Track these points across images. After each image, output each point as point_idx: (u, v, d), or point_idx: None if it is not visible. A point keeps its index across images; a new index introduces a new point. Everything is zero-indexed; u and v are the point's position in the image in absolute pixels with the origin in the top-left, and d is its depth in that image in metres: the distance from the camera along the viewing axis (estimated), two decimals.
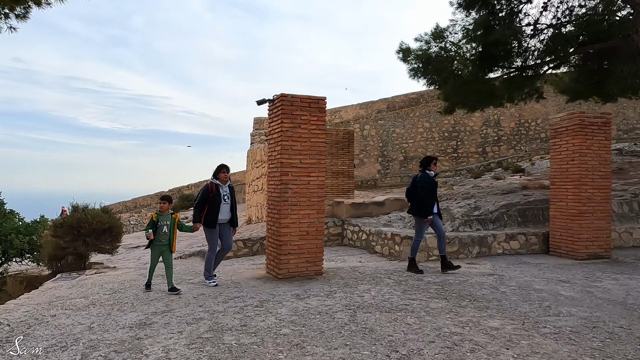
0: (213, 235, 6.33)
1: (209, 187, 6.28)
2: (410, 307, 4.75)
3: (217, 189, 6.27)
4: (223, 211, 6.27)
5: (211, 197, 6.20)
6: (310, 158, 6.57)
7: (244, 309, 4.96)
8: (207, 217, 6.20)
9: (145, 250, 6.74)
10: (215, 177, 6.37)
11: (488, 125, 23.27)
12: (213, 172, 6.45)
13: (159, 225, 5.91)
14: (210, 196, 6.20)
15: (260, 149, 15.34)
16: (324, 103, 6.70)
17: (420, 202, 6.69)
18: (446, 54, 10.87)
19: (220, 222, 6.30)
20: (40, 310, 5.28)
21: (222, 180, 6.33)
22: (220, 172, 6.35)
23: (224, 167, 6.36)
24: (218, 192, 6.26)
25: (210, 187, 6.26)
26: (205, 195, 6.22)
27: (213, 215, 6.20)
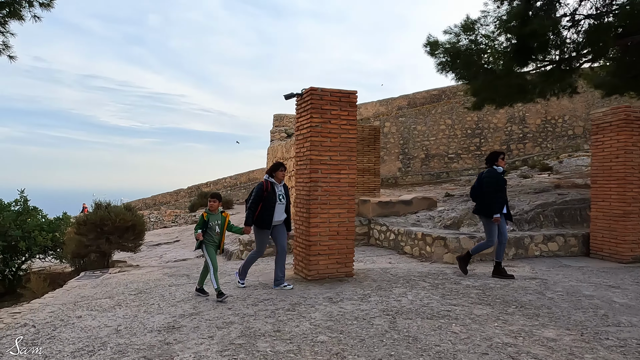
0: (264, 237, 5.90)
1: (263, 186, 5.81)
2: (453, 314, 4.44)
3: (273, 188, 5.81)
4: (278, 212, 5.84)
5: (266, 196, 5.77)
6: (340, 154, 6.30)
7: (275, 312, 4.72)
8: (259, 217, 5.76)
9: (167, 247, 6.50)
10: (270, 175, 5.90)
11: (513, 122, 22.68)
12: (268, 170, 5.99)
13: (211, 225, 5.48)
14: (265, 195, 5.77)
15: (281, 146, 15.13)
16: (355, 97, 6.42)
17: (486, 200, 6.17)
18: (476, 47, 10.47)
19: (275, 224, 5.88)
20: (66, 311, 5.13)
21: (278, 179, 5.88)
22: (277, 170, 5.88)
23: (282, 166, 5.91)
24: (273, 191, 5.81)
25: (265, 186, 5.80)
26: (260, 194, 5.77)
27: (267, 215, 5.76)
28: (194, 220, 22.65)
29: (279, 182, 5.88)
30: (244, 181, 33.37)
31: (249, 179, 33.38)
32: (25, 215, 11.72)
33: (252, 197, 5.83)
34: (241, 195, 32.26)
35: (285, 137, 19.83)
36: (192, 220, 22.78)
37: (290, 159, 13.74)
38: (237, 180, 33.53)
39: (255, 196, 5.80)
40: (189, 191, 33.60)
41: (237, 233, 5.86)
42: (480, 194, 6.32)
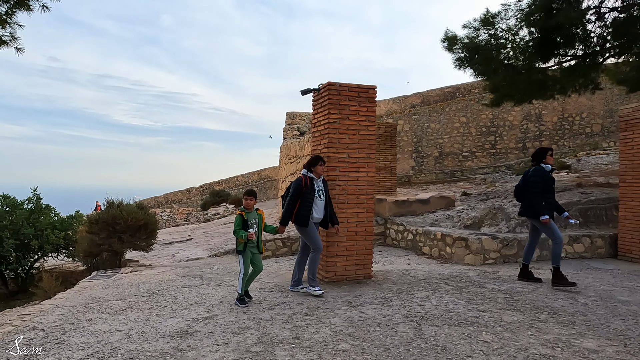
0: (312, 232, 5.43)
1: (302, 181, 5.39)
2: (481, 320, 4.19)
3: (312, 183, 5.42)
4: (317, 209, 5.44)
5: (304, 193, 5.36)
6: (359, 152, 6.06)
7: (293, 317, 4.50)
8: (297, 214, 5.37)
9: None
10: (309, 170, 5.49)
11: (529, 119, 22.23)
12: (306, 164, 5.57)
13: (249, 224, 5.09)
14: (304, 191, 5.36)
15: (294, 144, 14.92)
16: (374, 92, 6.18)
17: (533, 200, 5.67)
18: (496, 42, 10.15)
19: (314, 222, 5.49)
20: (76, 313, 4.96)
21: (317, 174, 5.47)
22: (317, 164, 5.46)
23: (321, 159, 5.48)
24: (312, 186, 5.41)
25: (304, 181, 5.38)
26: (299, 190, 5.36)
27: (305, 212, 5.36)
28: (206, 218, 22.54)
29: (318, 177, 5.48)
30: (255, 179, 33.26)
31: (260, 177, 33.27)
32: (38, 213, 11.66)
33: (290, 194, 5.42)
34: None
35: (298, 134, 19.64)
36: (204, 219, 22.68)
37: (303, 156, 13.53)
38: (249, 178, 33.45)
39: (293, 192, 5.39)
40: (201, 189, 33.60)
41: (271, 233, 5.43)
42: (526, 194, 5.84)
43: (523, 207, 5.91)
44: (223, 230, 16.15)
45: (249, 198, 5.18)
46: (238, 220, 5.05)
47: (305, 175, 5.45)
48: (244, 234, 4.93)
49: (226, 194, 27.84)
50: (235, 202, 25.69)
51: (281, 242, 8.53)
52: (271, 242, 8.49)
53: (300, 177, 5.44)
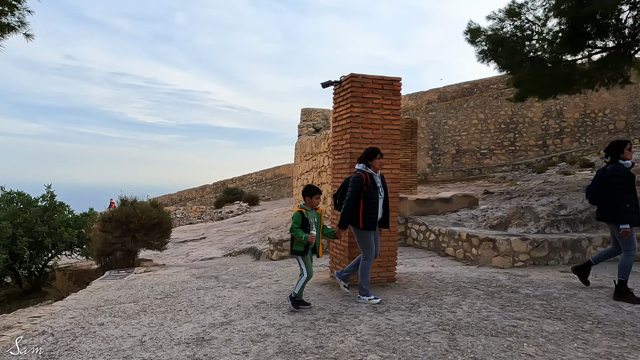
0: (369, 238, 4.89)
1: (363, 178, 4.76)
2: (520, 330, 3.85)
3: (373, 180, 4.82)
4: (379, 208, 4.90)
5: (366, 191, 4.78)
6: (383, 148, 5.73)
7: (315, 323, 4.22)
8: (362, 217, 4.77)
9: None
10: (367, 165, 4.87)
11: (549, 116, 21.65)
12: (362, 157, 4.92)
13: (309, 223, 4.64)
14: (365, 189, 4.77)
15: (310, 140, 14.64)
16: (399, 85, 5.85)
17: (615, 203, 4.82)
18: (522, 34, 9.73)
19: None
20: (87, 317, 4.74)
21: (375, 168, 4.89)
22: (375, 157, 4.85)
23: (379, 152, 4.89)
24: (374, 183, 4.81)
25: (364, 178, 4.77)
26: (359, 189, 4.76)
27: (371, 214, 4.78)
28: (220, 216, 22.39)
29: (375, 172, 4.92)
30: (269, 177, 33.08)
31: (274, 175, 33.07)
32: (52, 211, 11.55)
33: (350, 193, 4.78)
34: (267, 192, 31.99)
35: (313, 131, 19.34)
36: (217, 217, 22.53)
37: (320, 153, 13.24)
38: (263, 176, 33.28)
39: (353, 192, 4.76)
40: (215, 187, 33.53)
41: (328, 237, 4.91)
42: (603, 196, 4.99)
43: (600, 211, 5.08)
44: (237, 229, 15.96)
45: (317, 197, 4.72)
46: (297, 218, 4.58)
47: (364, 172, 4.83)
48: (305, 236, 4.49)
49: (240, 191, 27.69)
50: (249, 200, 25.52)
51: None
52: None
53: (359, 174, 4.82)
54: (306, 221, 4.62)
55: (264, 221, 16.81)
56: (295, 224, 4.58)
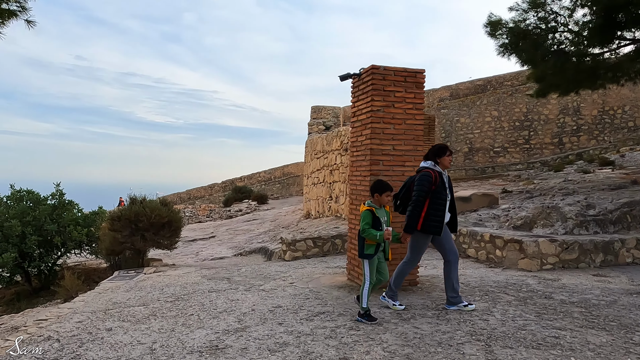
0: (423, 244, 4.51)
1: (432, 176, 4.33)
2: (564, 342, 3.53)
3: (442, 179, 4.39)
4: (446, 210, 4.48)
5: (434, 191, 4.34)
6: (405, 144, 5.43)
7: (337, 331, 3.92)
8: (427, 220, 4.33)
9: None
10: (435, 162, 4.47)
11: (566, 113, 21.15)
12: (429, 154, 4.52)
13: (381, 222, 4.16)
14: (433, 189, 4.33)
15: (321, 138, 14.35)
16: (423, 77, 5.53)
17: None
18: (546, 26, 9.35)
19: None
20: (95, 321, 4.49)
21: (444, 166, 4.49)
22: (444, 153, 4.48)
23: (448, 148, 4.52)
24: (442, 182, 4.38)
25: (433, 176, 4.34)
26: (428, 188, 4.31)
27: (438, 216, 4.33)
28: (229, 215, 22.18)
29: (443, 170, 4.52)
30: (278, 175, 32.84)
31: (283, 174, 32.83)
32: (61, 209, 11.37)
33: (417, 193, 4.32)
34: (275, 190, 31.76)
35: (324, 129, 19.04)
36: (226, 215, 22.32)
37: (331, 151, 12.95)
38: (271, 174, 33.06)
39: (421, 191, 4.30)
40: (223, 185, 33.36)
41: (393, 241, 4.34)
42: None
43: None
44: (247, 228, 15.72)
45: (387, 194, 4.23)
46: (367, 217, 4.11)
47: (433, 170, 4.39)
48: (380, 234, 4.02)
49: (248, 190, 27.47)
50: (258, 198, 25.29)
51: (312, 242, 7.96)
52: (301, 242, 7.93)
53: (427, 172, 4.37)
54: (377, 220, 4.12)
55: (274, 220, 16.55)
56: (366, 224, 4.08)
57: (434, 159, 4.48)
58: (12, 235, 10.20)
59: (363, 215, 4.15)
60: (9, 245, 10.14)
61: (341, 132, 12.20)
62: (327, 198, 12.99)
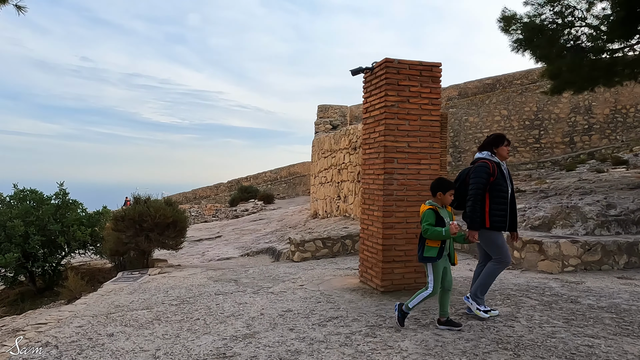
0: (500, 238, 4.07)
1: (489, 167, 3.96)
2: (599, 352, 3.26)
3: (501, 170, 4.02)
4: None
5: (493, 182, 3.96)
6: (420, 141, 5.18)
7: (351, 338, 3.68)
8: (490, 214, 3.97)
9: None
10: (492, 152, 4.11)
11: (577, 112, 20.79)
12: (485, 145, 4.17)
13: (446, 223, 3.77)
14: (492, 180, 3.96)
15: (328, 137, 14.11)
16: (439, 71, 5.28)
17: None
18: (563, 20, 9.06)
19: None
20: (96, 326, 4.27)
21: (502, 157, 4.12)
22: (502, 143, 4.12)
23: (506, 138, 4.17)
24: (502, 174, 4.01)
25: (491, 167, 3.97)
26: (486, 180, 3.93)
27: (500, 210, 3.98)
28: (235, 214, 21.97)
29: (501, 161, 4.16)
30: (284, 175, 32.63)
31: (289, 173, 32.62)
32: (65, 209, 11.20)
33: (474, 186, 3.95)
34: (281, 190, 31.55)
35: (331, 128, 18.80)
36: (232, 215, 22.12)
37: (339, 150, 12.70)
38: (278, 174, 32.86)
39: (479, 183, 3.92)
40: (229, 185, 33.20)
41: (459, 242, 3.94)
42: None
43: None
44: (253, 227, 15.51)
45: (453, 193, 3.85)
46: (430, 216, 3.73)
47: (490, 161, 4.02)
48: (445, 229, 3.62)
49: (254, 189, 27.26)
50: (264, 198, 25.08)
51: (321, 243, 7.72)
52: (310, 242, 7.69)
53: (485, 163, 4.01)
54: (441, 220, 3.74)
55: (280, 220, 16.32)
56: (429, 224, 3.71)
57: (490, 149, 4.13)
58: (15, 235, 10.04)
59: (426, 215, 3.76)
60: (12, 245, 9.98)
61: (349, 131, 11.96)
62: (335, 197, 12.75)
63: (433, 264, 3.76)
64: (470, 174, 4.08)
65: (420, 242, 3.83)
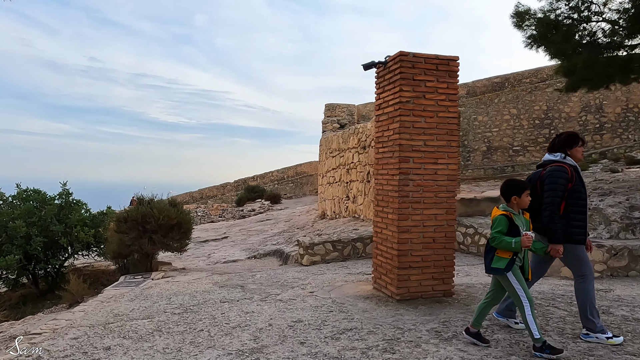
0: (582, 251, 3.59)
1: (568, 172, 3.52)
2: None
3: (579, 176, 3.61)
4: None
5: (571, 189, 3.53)
6: (437, 139, 4.87)
7: (369, 354, 3.38)
8: (568, 224, 3.49)
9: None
10: (565, 154, 3.67)
11: (588, 111, 20.37)
12: (557, 146, 3.73)
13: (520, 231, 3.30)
14: (570, 187, 3.53)
15: (337, 136, 13.81)
16: (456, 65, 4.97)
17: None
18: (579, 15, 8.72)
19: None
20: (92, 338, 4.00)
21: (577, 158, 3.70)
22: (577, 144, 3.70)
23: (580, 137, 3.74)
24: (580, 180, 3.59)
25: (570, 173, 3.54)
26: (564, 186, 3.50)
27: (580, 220, 3.53)
28: (242, 214, 21.72)
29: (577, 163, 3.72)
30: (291, 175, 32.35)
31: (296, 173, 32.34)
32: (68, 209, 10.97)
33: (552, 193, 3.48)
34: (288, 190, 31.28)
35: (338, 127, 18.50)
36: (239, 215, 21.87)
37: (348, 149, 12.40)
38: (284, 174, 32.58)
39: (556, 190, 3.47)
40: (236, 185, 32.97)
41: (538, 252, 3.49)
42: None
43: None
44: (260, 228, 15.23)
45: (529, 193, 3.40)
46: (503, 224, 3.28)
47: (568, 165, 3.58)
48: (516, 240, 3.18)
49: (261, 189, 26.98)
50: (271, 198, 24.82)
51: (331, 246, 7.42)
52: (320, 245, 7.40)
53: (561, 167, 3.55)
54: (516, 228, 3.27)
55: (288, 220, 16.04)
56: (498, 231, 3.27)
57: (563, 150, 3.67)
58: (16, 236, 9.81)
59: (497, 221, 3.31)
60: (14, 247, 9.76)
61: (358, 130, 11.65)
62: (344, 198, 12.45)
63: (512, 274, 3.28)
64: (543, 180, 3.61)
65: (489, 251, 3.38)
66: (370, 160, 10.32)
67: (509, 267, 3.27)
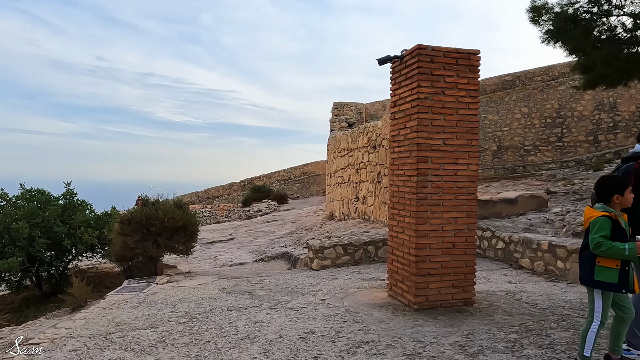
0: None
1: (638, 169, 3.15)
2: None
3: None
4: None
5: None
6: (457, 137, 4.59)
7: None
8: None
9: (225, 248, 4.99)
10: None
11: (601, 109, 19.95)
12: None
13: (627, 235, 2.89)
14: None
15: (345, 135, 13.53)
16: (477, 59, 4.69)
17: None
18: (598, 9, 8.40)
19: None
20: (92, 350, 3.75)
21: None
22: None
23: None
24: None
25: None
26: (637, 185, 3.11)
27: None
28: (248, 215, 21.49)
29: None
30: (298, 174, 32.11)
31: (303, 173, 32.10)
32: (71, 210, 10.76)
33: None
34: (295, 190, 31.04)
35: (346, 126, 18.22)
36: (245, 215, 21.64)
37: (357, 149, 12.12)
38: (291, 173, 32.35)
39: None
40: (242, 184, 32.79)
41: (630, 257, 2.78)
42: None
43: None
44: (267, 229, 14.99)
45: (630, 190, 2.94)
46: (606, 226, 2.78)
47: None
48: (630, 246, 2.72)
49: (268, 189, 26.76)
50: (277, 198, 24.57)
51: (342, 249, 7.15)
52: (330, 249, 7.13)
53: (630, 164, 3.23)
54: (622, 232, 2.82)
55: (295, 221, 15.79)
56: (602, 236, 2.76)
57: None
58: (19, 237, 9.62)
59: (599, 224, 2.79)
60: (16, 249, 9.56)
61: (368, 128, 11.37)
62: (353, 199, 12.17)
63: (603, 292, 2.83)
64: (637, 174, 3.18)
65: (587, 259, 2.91)
66: (380, 160, 10.03)
67: (620, 279, 2.76)
